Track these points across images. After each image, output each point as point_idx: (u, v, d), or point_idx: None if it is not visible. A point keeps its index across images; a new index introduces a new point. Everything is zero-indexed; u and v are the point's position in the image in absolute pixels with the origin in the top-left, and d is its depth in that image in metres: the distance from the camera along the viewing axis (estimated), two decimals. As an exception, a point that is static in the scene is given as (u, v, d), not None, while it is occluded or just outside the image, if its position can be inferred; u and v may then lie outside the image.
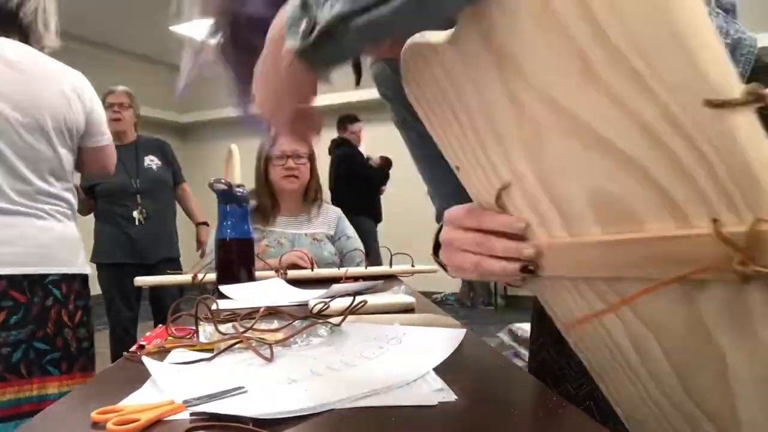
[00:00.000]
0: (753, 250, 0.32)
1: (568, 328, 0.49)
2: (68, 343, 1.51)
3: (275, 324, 0.76)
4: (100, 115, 1.64)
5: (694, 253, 0.35)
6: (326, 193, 2.05)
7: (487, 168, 0.47)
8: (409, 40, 0.45)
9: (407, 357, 0.62)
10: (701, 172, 0.33)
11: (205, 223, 3.12)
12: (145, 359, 0.57)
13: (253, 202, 1.86)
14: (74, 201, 1.60)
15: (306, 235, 1.87)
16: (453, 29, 0.43)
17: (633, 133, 0.35)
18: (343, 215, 1.99)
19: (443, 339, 0.64)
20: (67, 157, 1.55)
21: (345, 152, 4.37)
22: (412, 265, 1.58)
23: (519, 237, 0.47)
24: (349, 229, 1.97)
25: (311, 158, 1.94)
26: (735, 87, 0.31)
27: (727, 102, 0.30)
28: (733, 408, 0.37)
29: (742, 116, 0.31)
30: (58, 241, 1.49)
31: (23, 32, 1.52)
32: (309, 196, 1.95)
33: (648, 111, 0.34)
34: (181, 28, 6.25)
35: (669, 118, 0.33)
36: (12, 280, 1.41)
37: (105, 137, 1.66)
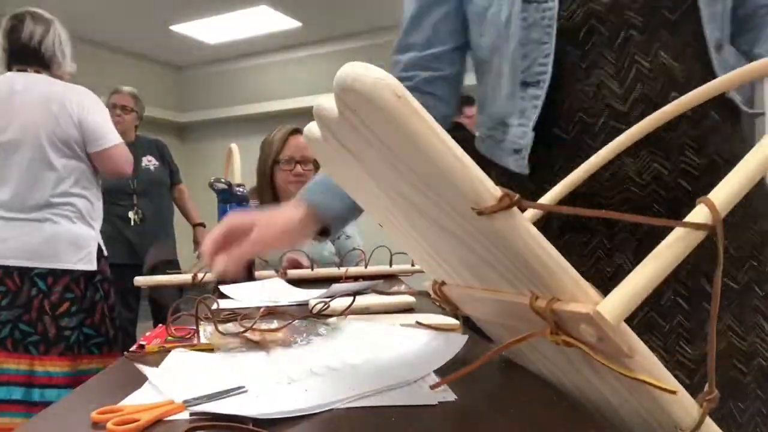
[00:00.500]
0: (558, 321, 0.39)
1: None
2: (47, 329, 1.74)
3: (275, 324, 0.76)
4: (94, 122, 1.82)
5: (530, 316, 0.41)
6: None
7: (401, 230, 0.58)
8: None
9: (407, 358, 0.62)
10: (493, 259, 0.42)
11: (202, 225, 3.11)
12: (141, 366, 0.57)
13: (253, 203, 1.86)
14: (83, 204, 1.83)
15: None
16: None
17: (453, 224, 0.43)
18: None
19: (444, 343, 0.64)
20: (70, 167, 1.79)
21: (461, 137, 4.37)
22: (412, 265, 1.58)
23: None
24: (349, 229, 1.97)
25: (316, 165, 1.95)
26: (488, 197, 0.36)
27: (482, 210, 0.36)
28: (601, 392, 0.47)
29: (502, 217, 0.36)
30: (47, 241, 1.75)
31: (45, 64, 1.84)
32: None
33: (446, 218, 0.42)
34: (181, 28, 6.25)
35: (460, 223, 0.41)
36: (6, 270, 1.71)
37: (105, 140, 1.83)
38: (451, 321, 0.76)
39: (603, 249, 0.78)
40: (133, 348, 0.69)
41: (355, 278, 1.41)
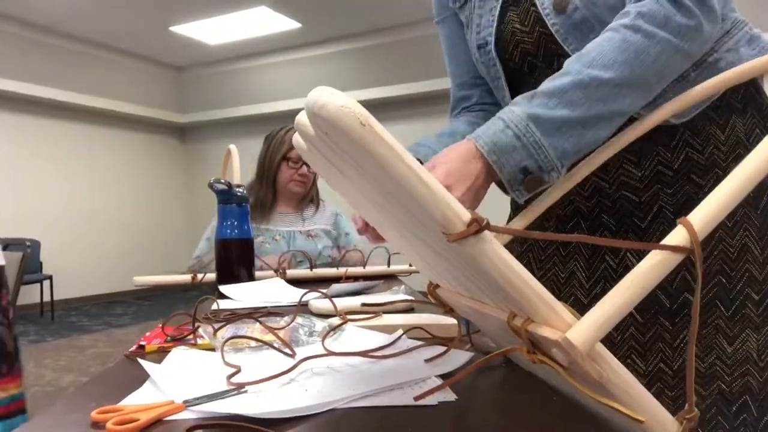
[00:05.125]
0: (533, 341, 0.40)
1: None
2: None
3: (275, 324, 0.76)
4: None
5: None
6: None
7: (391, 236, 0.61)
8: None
9: (408, 360, 0.62)
10: (471, 275, 0.42)
11: None
12: (143, 362, 0.57)
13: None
14: None
15: (300, 232, 1.92)
16: None
17: (432, 240, 0.43)
18: (341, 213, 2.03)
19: (446, 359, 0.62)
20: None
21: None
22: (410, 265, 1.58)
23: None
24: (349, 227, 2.01)
25: None
26: (457, 222, 0.36)
27: (450, 235, 0.36)
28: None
29: (472, 242, 0.36)
30: None
31: None
32: (306, 199, 2.02)
33: (426, 235, 0.43)
34: (181, 29, 6.25)
35: (436, 240, 0.40)
36: None
37: None
38: (451, 321, 0.76)
39: (558, 256, 0.84)
40: (133, 348, 0.69)
41: (355, 278, 1.42)
